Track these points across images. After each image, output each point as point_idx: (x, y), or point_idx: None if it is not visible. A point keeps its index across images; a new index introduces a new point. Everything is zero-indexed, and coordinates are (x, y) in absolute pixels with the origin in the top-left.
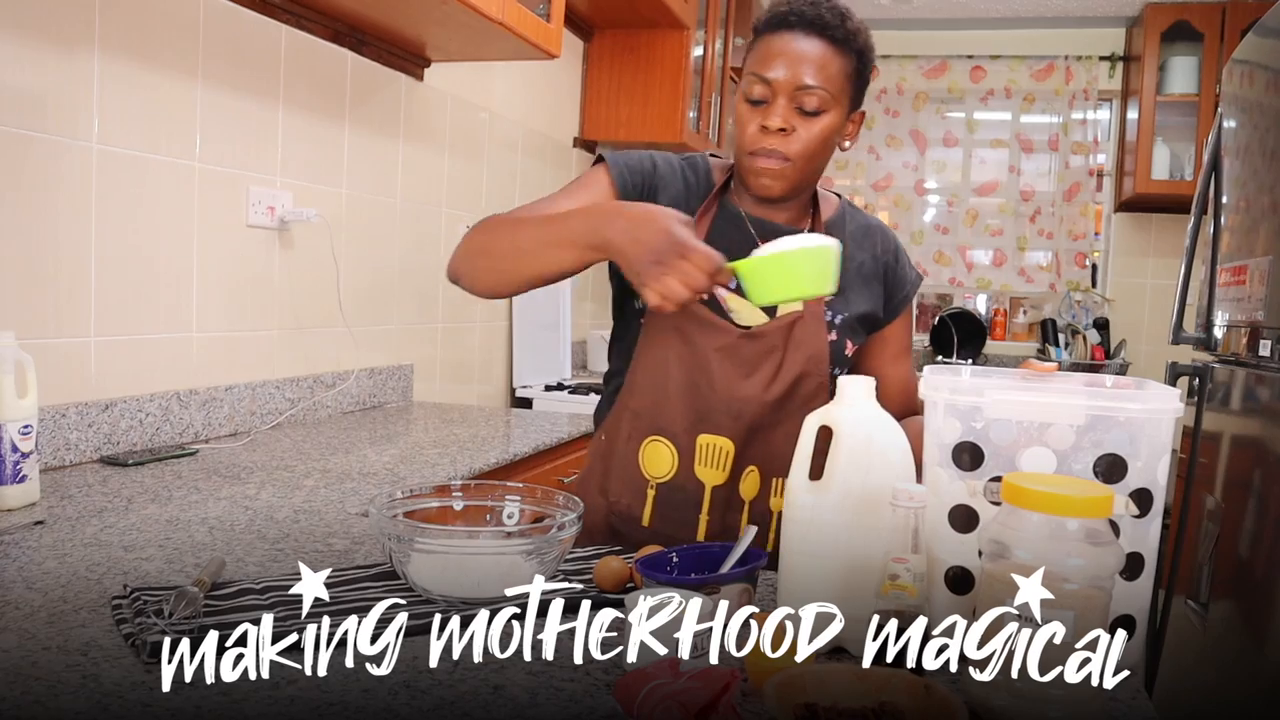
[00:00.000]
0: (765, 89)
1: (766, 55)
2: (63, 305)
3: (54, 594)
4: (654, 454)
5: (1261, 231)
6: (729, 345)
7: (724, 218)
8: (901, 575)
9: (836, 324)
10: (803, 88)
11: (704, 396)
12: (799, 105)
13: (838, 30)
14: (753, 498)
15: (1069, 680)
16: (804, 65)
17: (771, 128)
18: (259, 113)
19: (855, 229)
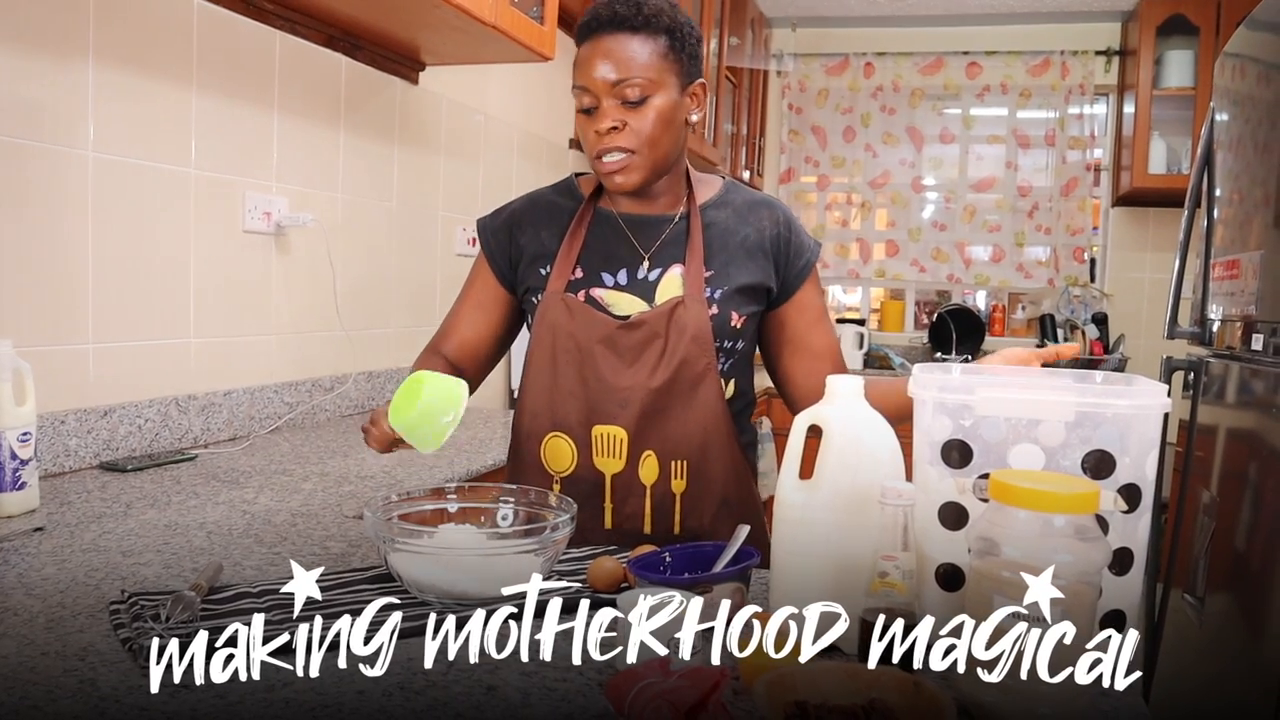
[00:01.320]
0: (589, 96)
1: (580, 65)
2: (61, 312)
3: (53, 600)
4: (554, 449)
5: (1254, 225)
6: (610, 336)
7: (598, 222)
8: (891, 573)
9: (716, 298)
10: (618, 83)
11: (592, 388)
12: (622, 100)
13: (635, 19)
14: (653, 482)
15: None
16: (611, 62)
17: (602, 129)
18: (254, 119)
19: (740, 205)
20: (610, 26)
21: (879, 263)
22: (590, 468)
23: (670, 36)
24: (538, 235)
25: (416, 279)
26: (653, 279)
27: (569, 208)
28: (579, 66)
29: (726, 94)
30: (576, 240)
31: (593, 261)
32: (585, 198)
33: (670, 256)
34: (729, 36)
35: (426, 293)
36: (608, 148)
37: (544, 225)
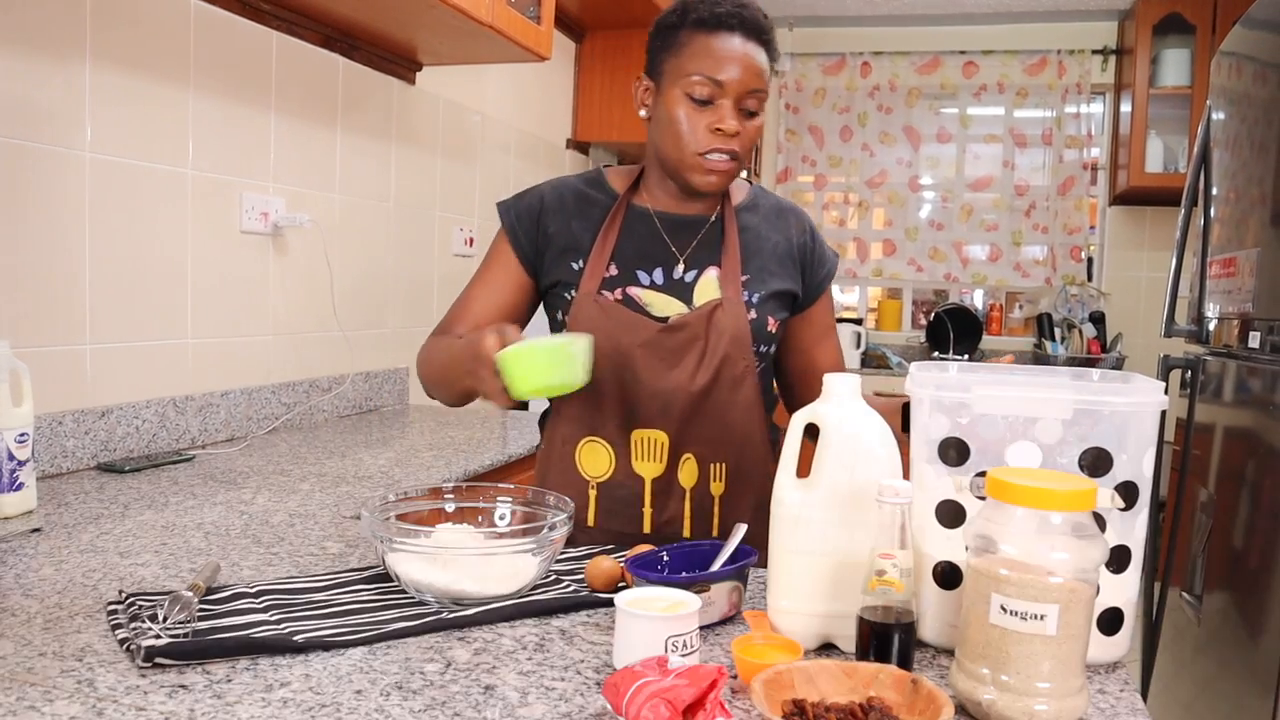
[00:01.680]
0: (714, 90)
1: (714, 56)
2: (58, 313)
3: (50, 600)
4: (591, 454)
5: (1251, 223)
6: (652, 339)
7: (633, 219)
8: (888, 571)
9: (754, 302)
10: (751, 92)
11: (632, 392)
12: (744, 107)
13: (768, 34)
14: (692, 485)
15: (1055, 676)
16: (751, 69)
17: (729, 131)
18: (251, 119)
19: (769, 210)
20: (746, 31)
21: (876, 262)
22: (629, 473)
23: (773, 64)
24: (568, 225)
25: (414, 279)
26: (689, 280)
27: (601, 201)
28: (709, 56)
29: None
30: (610, 236)
31: (627, 259)
32: (619, 193)
33: (706, 258)
34: None
35: (424, 293)
36: (722, 148)
37: (574, 216)
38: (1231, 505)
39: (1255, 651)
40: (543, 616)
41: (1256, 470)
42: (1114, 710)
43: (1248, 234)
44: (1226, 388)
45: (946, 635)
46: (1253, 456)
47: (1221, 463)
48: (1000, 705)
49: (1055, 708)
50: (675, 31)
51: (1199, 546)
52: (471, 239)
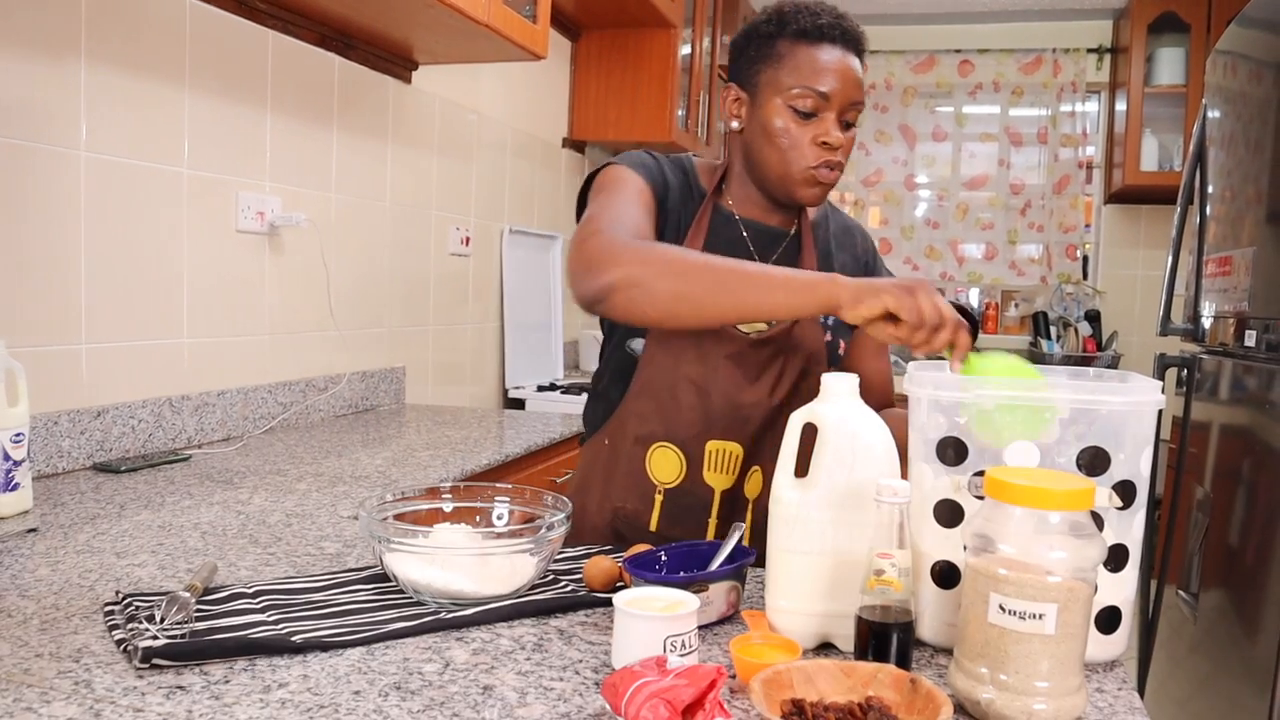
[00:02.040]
0: (819, 102)
1: (819, 69)
2: (53, 313)
3: (47, 601)
4: (662, 460)
5: (1247, 222)
6: (738, 352)
7: (719, 221)
8: (887, 570)
9: (830, 325)
10: (854, 104)
11: (713, 403)
12: (845, 120)
13: (865, 46)
14: (756, 496)
15: (1054, 674)
16: (853, 81)
17: (835, 144)
18: (247, 118)
19: (837, 229)
20: (846, 42)
21: None
22: (699, 482)
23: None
24: (678, 206)
25: (410, 278)
26: None
27: (688, 191)
28: (815, 69)
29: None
30: (699, 237)
31: None
32: (706, 190)
33: None
34: (721, 35)
35: (420, 292)
36: (831, 161)
37: (681, 200)
38: (1227, 503)
39: (1251, 649)
40: (541, 616)
41: (1252, 468)
42: (1112, 709)
43: (1243, 232)
44: (1222, 386)
45: (944, 634)
46: (1249, 455)
47: (1217, 461)
48: (999, 704)
49: (1054, 706)
50: (772, 41)
51: (1195, 544)
52: (468, 238)
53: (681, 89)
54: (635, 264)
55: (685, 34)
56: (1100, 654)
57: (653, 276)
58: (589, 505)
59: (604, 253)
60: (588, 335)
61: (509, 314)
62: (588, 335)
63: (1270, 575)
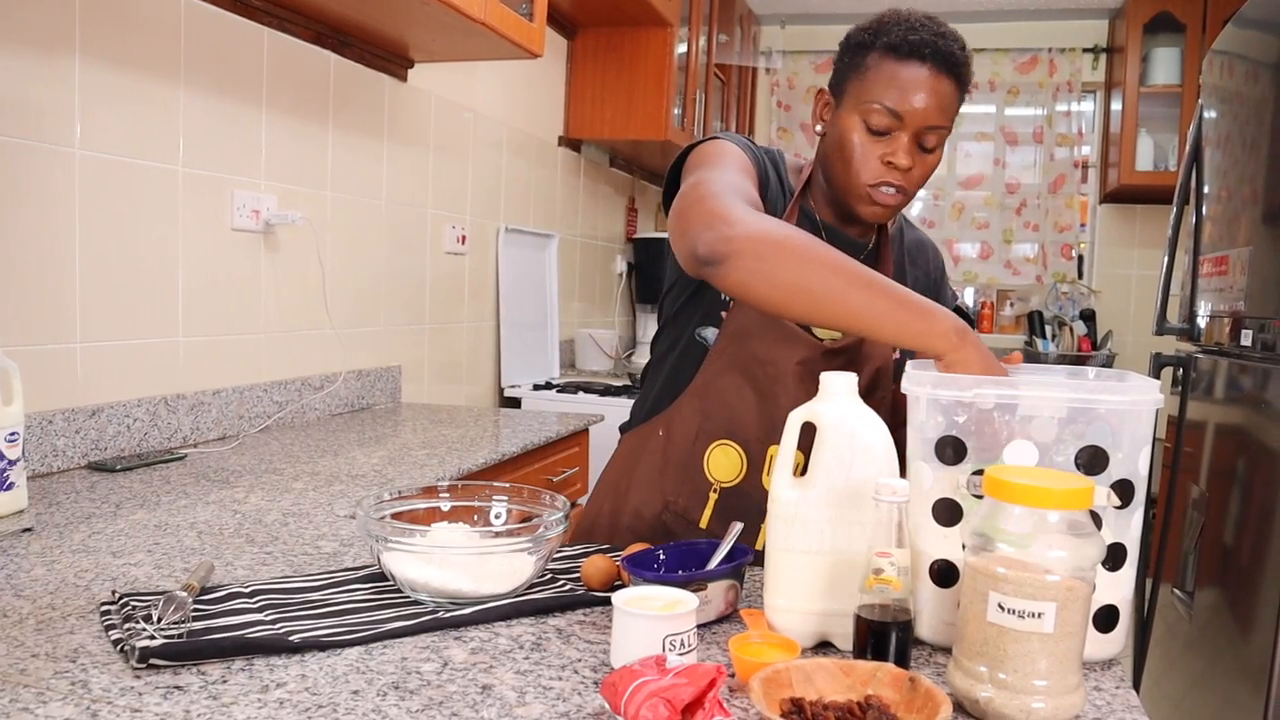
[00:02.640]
0: (893, 120)
1: (900, 86)
2: (48, 311)
3: (42, 601)
4: (722, 458)
5: (1243, 221)
6: (809, 359)
7: (804, 222)
8: (886, 569)
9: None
10: (932, 127)
11: (780, 407)
12: (922, 142)
13: (962, 70)
14: None
15: (1052, 673)
16: (935, 105)
17: (901, 167)
18: (242, 116)
19: (910, 244)
20: (942, 64)
21: None
22: (757, 485)
23: (964, 97)
24: (772, 192)
25: (406, 277)
26: None
27: (782, 187)
28: (895, 86)
29: (715, 91)
30: None
31: None
32: (794, 189)
33: None
34: (717, 34)
35: (416, 291)
36: (895, 182)
37: (776, 195)
38: (1223, 502)
39: (1246, 648)
40: (539, 616)
41: (1247, 467)
42: (1110, 707)
43: (1239, 232)
44: (1218, 385)
45: (943, 633)
46: (1244, 454)
47: (1213, 460)
48: (998, 703)
49: (1052, 705)
50: (865, 52)
51: (1190, 543)
52: (464, 236)
53: (678, 88)
54: (763, 238)
55: (681, 32)
56: (1098, 653)
57: (780, 257)
58: (633, 495)
59: (729, 214)
60: (583, 335)
61: (505, 313)
62: (583, 335)
63: (1265, 574)
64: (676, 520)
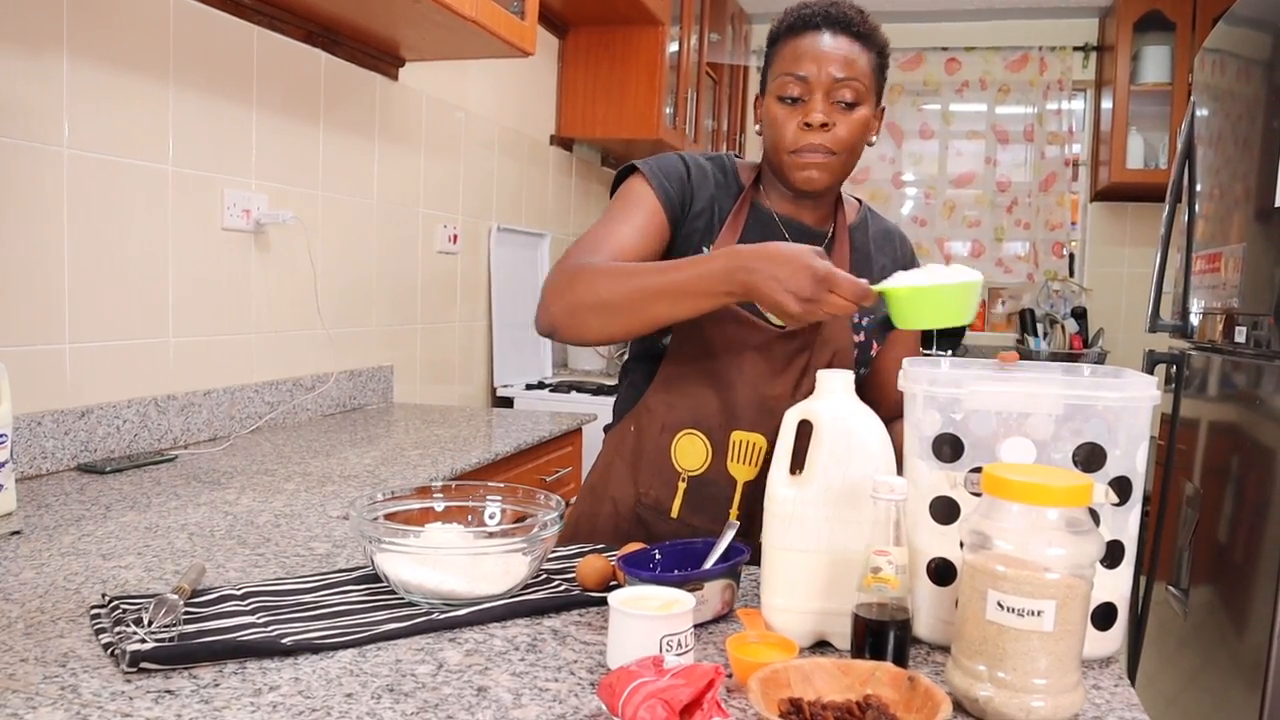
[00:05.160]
0: (802, 87)
1: (798, 55)
2: (36, 312)
3: (31, 604)
4: (688, 447)
5: (1235, 219)
6: (765, 343)
7: (756, 218)
8: (883, 568)
9: (864, 325)
10: (839, 81)
11: (738, 393)
12: (836, 99)
13: (861, 26)
14: None
15: (1051, 672)
16: (837, 60)
17: (814, 124)
18: (232, 115)
19: (876, 233)
20: (837, 26)
21: None
22: (723, 471)
23: (879, 55)
24: (709, 205)
25: (398, 277)
26: None
27: (727, 187)
28: (793, 55)
29: (707, 90)
30: (735, 231)
31: None
32: (745, 185)
33: None
34: (709, 32)
35: (408, 291)
36: (814, 143)
37: (714, 197)
38: (1217, 499)
39: (1241, 645)
40: (534, 616)
41: (1241, 465)
42: (1109, 705)
43: (1232, 230)
44: (1211, 382)
45: (940, 631)
46: (1237, 451)
47: (1206, 457)
48: (997, 702)
49: (1052, 704)
50: (772, 45)
51: (1185, 540)
52: (455, 236)
53: (669, 86)
54: (568, 294)
55: (673, 31)
56: (1096, 651)
57: (581, 305)
58: (612, 492)
59: (552, 287)
60: None
61: (497, 312)
62: None
63: (1259, 570)
64: (649, 512)
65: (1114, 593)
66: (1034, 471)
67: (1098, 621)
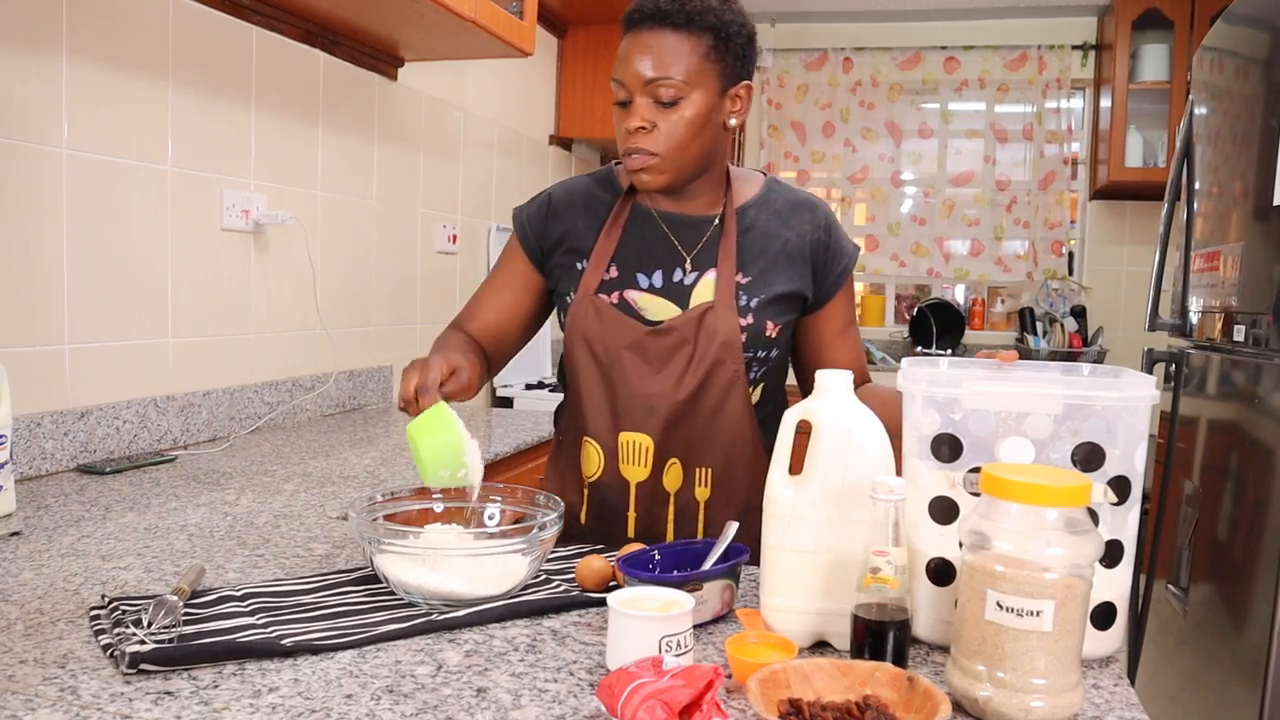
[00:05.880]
0: (623, 90)
1: (620, 57)
2: (36, 313)
3: (31, 606)
4: (587, 454)
5: (1234, 217)
6: (638, 341)
7: (636, 219)
8: (883, 568)
9: (752, 307)
10: (651, 82)
11: (619, 395)
12: (655, 99)
13: (677, 15)
14: (677, 489)
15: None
16: (648, 59)
17: (630, 128)
18: (231, 115)
19: (782, 206)
20: (652, 21)
21: (859, 257)
22: (616, 474)
23: (715, 35)
24: (575, 226)
25: (397, 277)
26: (689, 283)
27: (607, 200)
28: (618, 59)
29: None
30: (613, 237)
31: (629, 261)
32: (624, 190)
33: (710, 260)
34: None
35: (407, 290)
36: (634, 147)
37: (581, 216)
38: (1216, 498)
39: (1240, 643)
40: (534, 617)
41: (1240, 463)
42: (1109, 705)
43: (1230, 228)
44: (1210, 381)
45: (939, 631)
46: (1236, 449)
47: (1206, 456)
48: (996, 702)
49: (1051, 704)
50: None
51: (1184, 539)
52: (455, 236)
53: None
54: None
55: None
56: (1095, 650)
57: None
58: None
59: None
60: None
61: None
62: None
63: (1259, 569)
64: (571, 521)
65: (1113, 592)
66: (1033, 471)
67: (1097, 621)
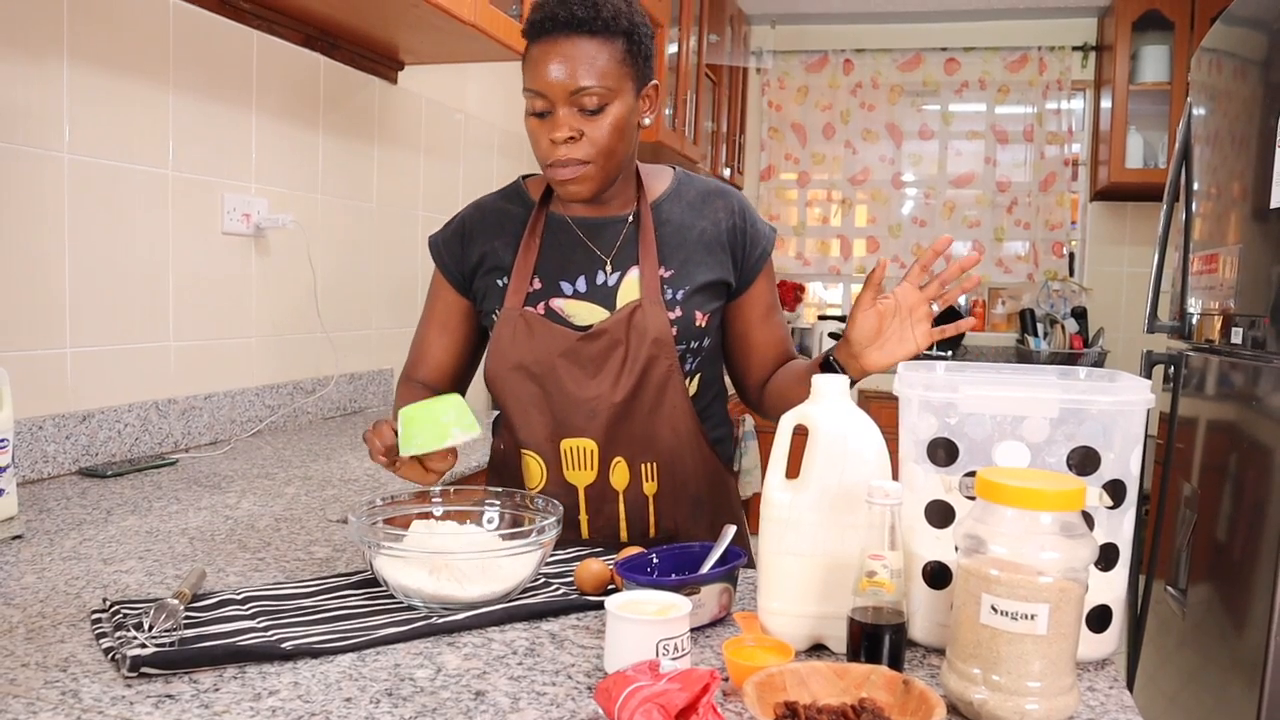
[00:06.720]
0: (543, 101)
1: (533, 66)
2: (37, 316)
3: (32, 609)
4: (527, 467)
5: (1233, 219)
6: (571, 349)
7: (552, 229)
8: (879, 572)
9: (678, 299)
10: (578, 91)
11: (557, 403)
12: (579, 107)
13: (594, 22)
14: (625, 487)
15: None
16: (569, 67)
17: (559, 139)
18: (232, 119)
19: (694, 197)
20: (568, 28)
21: (859, 259)
22: (561, 482)
23: (628, 39)
24: (491, 245)
25: (397, 280)
26: (613, 284)
27: (519, 214)
28: (531, 68)
29: (706, 91)
30: (531, 249)
31: (550, 270)
32: (535, 203)
33: (629, 258)
34: (708, 34)
35: (407, 293)
36: (564, 158)
37: (496, 234)
38: (1215, 499)
39: (1240, 644)
40: (532, 620)
41: (1239, 464)
42: (1104, 707)
43: (1229, 230)
44: (1209, 382)
45: (936, 635)
46: (1235, 451)
47: (1205, 457)
48: (991, 705)
49: (1046, 707)
50: (525, 51)
51: (1183, 540)
52: None
53: (669, 88)
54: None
55: (672, 33)
56: (1091, 653)
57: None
58: None
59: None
60: None
61: None
62: None
63: (1257, 570)
64: None
65: (1109, 595)
66: (1028, 476)
67: (1093, 624)
